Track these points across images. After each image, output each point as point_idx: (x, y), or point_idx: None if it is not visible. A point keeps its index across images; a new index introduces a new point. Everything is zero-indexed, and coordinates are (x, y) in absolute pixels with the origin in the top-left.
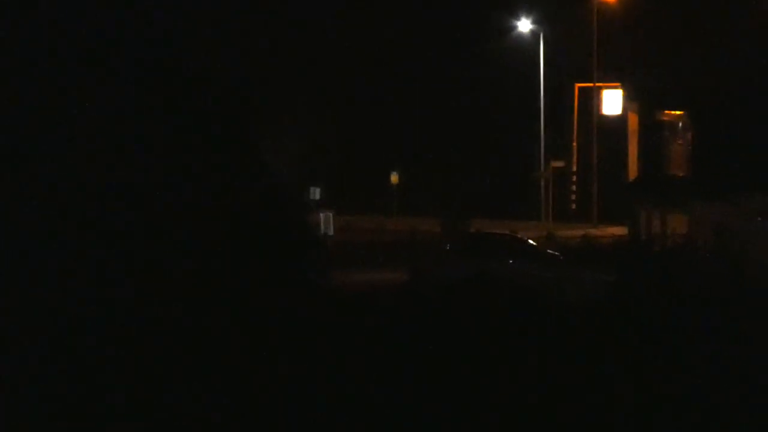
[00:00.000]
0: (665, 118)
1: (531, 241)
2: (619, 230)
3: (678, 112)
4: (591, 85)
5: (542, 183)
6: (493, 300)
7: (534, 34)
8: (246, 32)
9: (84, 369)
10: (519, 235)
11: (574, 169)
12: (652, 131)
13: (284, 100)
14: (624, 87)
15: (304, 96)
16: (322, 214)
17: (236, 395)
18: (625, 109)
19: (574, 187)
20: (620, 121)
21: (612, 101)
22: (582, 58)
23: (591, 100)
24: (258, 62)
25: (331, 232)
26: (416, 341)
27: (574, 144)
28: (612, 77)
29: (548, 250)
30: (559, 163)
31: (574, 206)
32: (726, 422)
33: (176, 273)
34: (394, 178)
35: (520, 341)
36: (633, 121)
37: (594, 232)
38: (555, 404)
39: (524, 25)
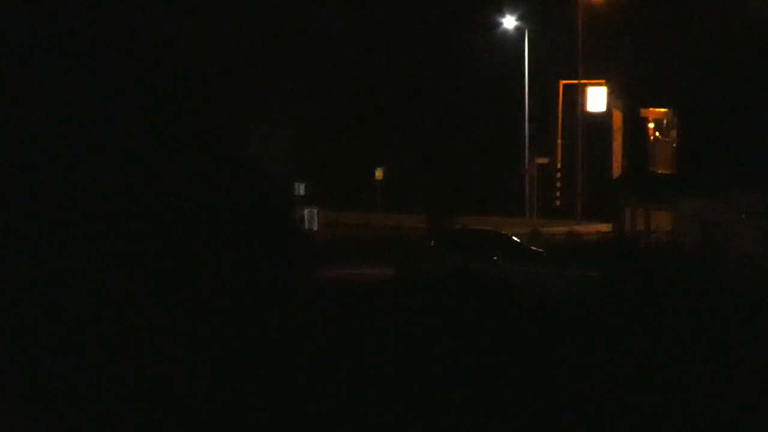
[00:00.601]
0: (650, 116)
1: (515, 238)
2: (604, 227)
3: (663, 110)
4: (576, 82)
5: (527, 179)
6: (476, 295)
7: (519, 31)
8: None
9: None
10: (503, 232)
11: (559, 165)
12: (637, 128)
13: (269, 96)
14: (609, 84)
15: (289, 92)
16: (306, 210)
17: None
18: (609, 106)
19: (558, 184)
20: (605, 118)
21: (597, 98)
22: (567, 55)
23: (576, 97)
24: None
25: (315, 227)
26: (400, 335)
27: (559, 141)
28: (597, 74)
29: (532, 247)
30: (544, 160)
31: (558, 203)
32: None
33: (160, 268)
34: (378, 173)
35: (503, 335)
36: (618, 118)
37: (578, 228)
38: (537, 398)
39: (509, 22)
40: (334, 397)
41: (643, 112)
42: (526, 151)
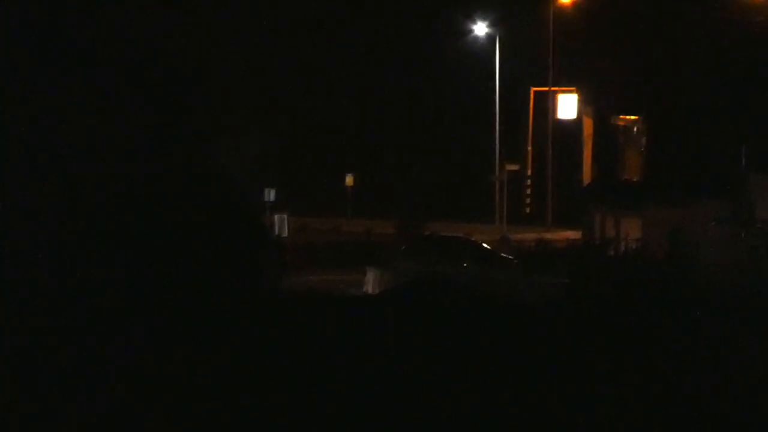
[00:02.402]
0: (620, 123)
1: (485, 244)
2: (574, 234)
3: (633, 117)
4: (546, 89)
5: (497, 186)
6: (443, 302)
7: (490, 38)
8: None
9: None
10: (473, 238)
11: (529, 172)
12: (607, 136)
13: (239, 102)
14: (579, 92)
15: (259, 98)
16: (276, 216)
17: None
18: (580, 113)
19: (528, 191)
20: (575, 125)
21: (567, 106)
22: (538, 62)
23: (546, 104)
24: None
25: (285, 233)
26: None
27: (529, 147)
28: (568, 82)
29: (502, 253)
30: (514, 167)
31: (528, 209)
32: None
33: (129, 274)
34: (349, 180)
35: (471, 342)
36: (588, 125)
37: (548, 235)
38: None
39: (480, 29)
40: (296, 404)
41: (614, 119)
42: (497, 157)
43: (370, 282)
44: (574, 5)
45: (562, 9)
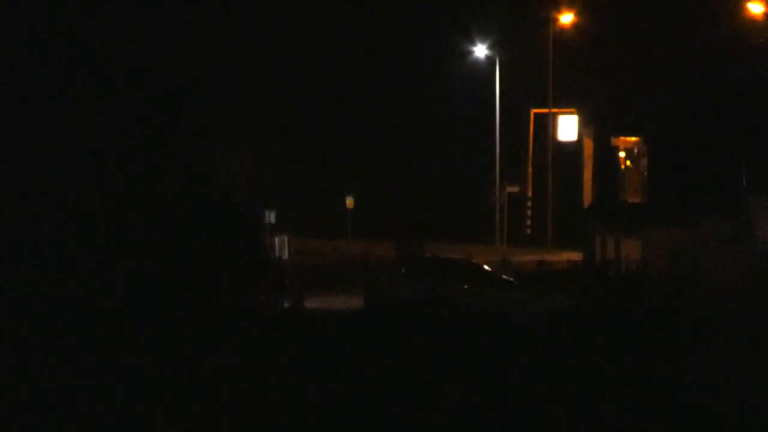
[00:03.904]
0: (620, 144)
1: (485, 266)
2: (574, 256)
3: (633, 139)
4: (547, 110)
5: (497, 207)
6: (445, 323)
7: (490, 60)
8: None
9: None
10: (473, 260)
11: (530, 194)
12: (608, 157)
13: (239, 125)
14: (579, 113)
15: (258, 120)
16: (277, 238)
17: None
18: (580, 134)
19: (529, 212)
20: (576, 146)
21: (567, 127)
22: (538, 83)
23: (547, 125)
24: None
25: (286, 255)
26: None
27: (530, 169)
28: (568, 103)
29: (502, 275)
30: (515, 188)
31: (529, 231)
32: None
33: (131, 296)
34: (349, 202)
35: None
36: (588, 146)
37: (549, 257)
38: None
39: (480, 51)
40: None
41: (614, 141)
42: (497, 179)
43: (371, 304)
44: (574, 27)
45: (562, 30)
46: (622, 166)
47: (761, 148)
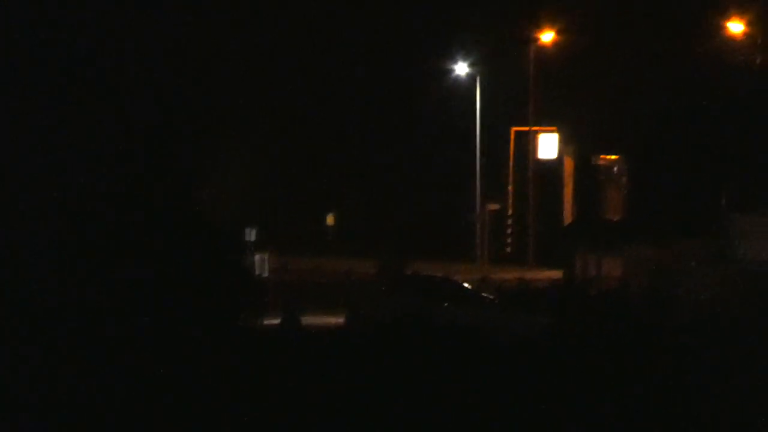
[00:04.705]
0: (601, 163)
1: (466, 284)
2: (555, 274)
3: (613, 157)
4: (527, 128)
5: (478, 225)
6: (426, 342)
7: (471, 78)
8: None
9: None
10: (454, 278)
11: (510, 212)
12: (588, 175)
13: (219, 142)
14: (560, 131)
15: (239, 137)
16: (257, 256)
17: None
18: (561, 153)
19: (509, 230)
20: (556, 165)
21: (548, 145)
22: (518, 101)
23: (527, 143)
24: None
25: (266, 273)
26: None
27: (510, 187)
28: (548, 121)
29: (483, 293)
30: (495, 206)
31: (509, 249)
32: None
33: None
34: (330, 219)
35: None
36: (569, 164)
37: (529, 275)
38: None
39: (461, 69)
40: None
41: (594, 158)
42: (477, 197)
43: (351, 321)
44: (555, 45)
45: (542, 49)
46: (602, 184)
47: (742, 167)
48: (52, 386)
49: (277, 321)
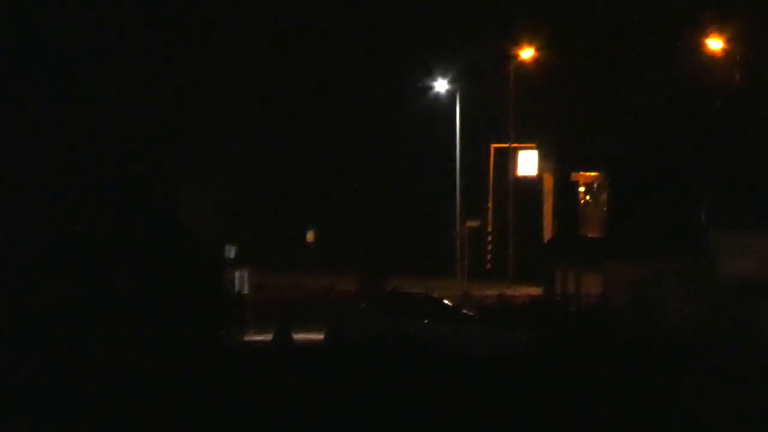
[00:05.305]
0: (580, 179)
1: (446, 301)
2: (535, 290)
3: (593, 173)
4: (507, 145)
5: (458, 242)
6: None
7: (451, 95)
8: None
9: None
10: (434, 295)
11: (490, 228)
12: (568, 192)
13: (198, 159)
14: (539, 148)
15: (218, 154)
16: (237, 273)
17: None
18: (540, 169)
19: (489, 247)
20: (536, 181)
21: (527, 162)
22: (498, 118)
23: (507, 160)
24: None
25: (246, 290)
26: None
27: (490, 204)
28: (528, 138)
29: (463, 310)
30: (475, 223)
31: (489, 266)
32: None
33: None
34: (310, 236)
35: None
36: (548, 181)
37: (509, 291)
38: None
39: (441, 86)
40: None
41: (574, 175)
42: (458, 213)
43: (331, 338)
44: (534, 62)
45: (522, 66)
46: (582, 201)
47: (721, 184)
48: (26, 406)
49: (260, 337)
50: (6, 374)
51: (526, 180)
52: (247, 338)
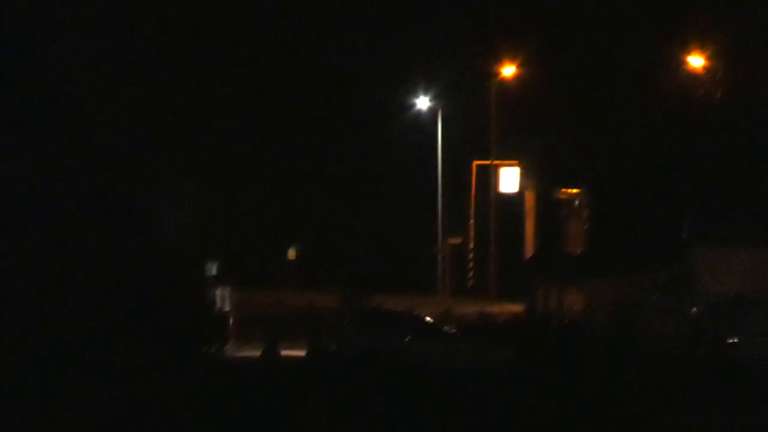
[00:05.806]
0: (562, 196)
1: (428, 318)
2: (517, 307)
3: (575, 190)
4: (489, 162)
5: (439, 259)
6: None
7: (433, 111)
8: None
9: None
10: (416, 312)
11: (472, 245)
12: (549, 209)
13: (179, 176)
14: (521, 165)
15: (200, 171)
16: (219, 290)
17: None
18: (522, 186)
19: (471, 264)
20: (517, 198)
21: (509, 179)
22: (480, 135)
23: (488, 177)
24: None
25: (227, 307)
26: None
27: (472, 221)
28: (510, 155)
29: (445, 327)
30: (457, 240)
31: (471, 283)
32: None
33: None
34: (291, 253)
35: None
36: (530, 198)
37: (491, 308)
38: None
39: (423, 103)
40: None
41: (556, 192)
42: (439, 230)
43: (312, 355)
44: (516, 79)
45: (503, 83)
46: (563, 218)
47: (703, 200)
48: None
49: (242, 354)
50: None
51: (507, 197)
52: (230, 354)
